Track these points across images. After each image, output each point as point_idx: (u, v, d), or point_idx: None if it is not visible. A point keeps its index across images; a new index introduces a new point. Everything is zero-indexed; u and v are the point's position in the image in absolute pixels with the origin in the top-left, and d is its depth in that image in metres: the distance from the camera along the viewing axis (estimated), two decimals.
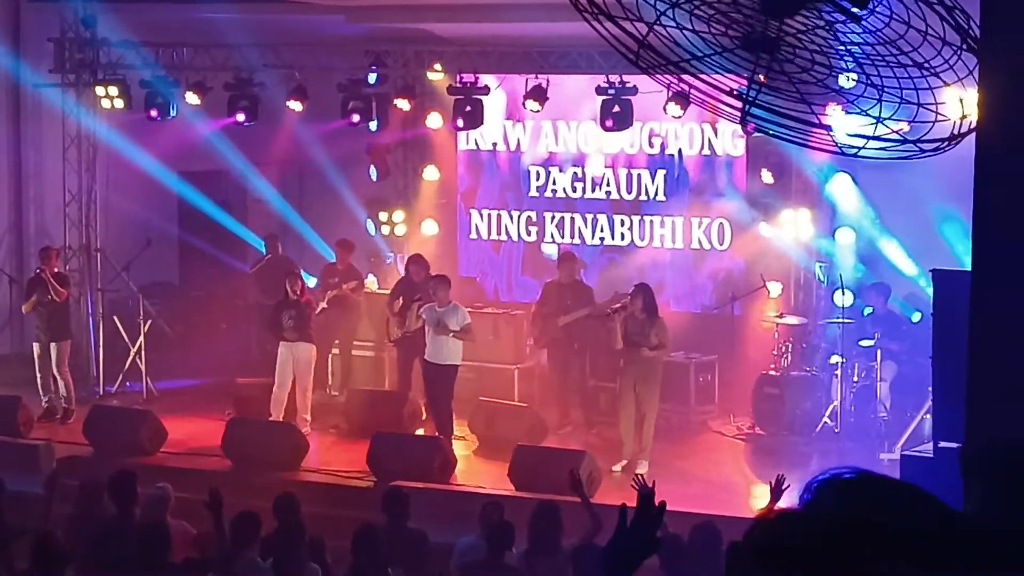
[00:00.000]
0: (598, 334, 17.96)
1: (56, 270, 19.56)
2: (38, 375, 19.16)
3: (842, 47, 5.79)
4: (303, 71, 20.65)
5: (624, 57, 5.40)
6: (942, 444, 14.04)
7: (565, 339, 18.51)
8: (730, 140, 20.13)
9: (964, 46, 5.60)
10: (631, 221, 20.92)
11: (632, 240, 20.92)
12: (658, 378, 17.01)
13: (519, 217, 21.69)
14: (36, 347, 19.28)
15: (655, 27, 5.27)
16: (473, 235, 22.09)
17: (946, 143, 5.75)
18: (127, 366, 20.40)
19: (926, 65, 5.43)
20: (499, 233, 21.87)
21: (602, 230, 21.11)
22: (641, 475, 9.89)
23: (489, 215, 21.92)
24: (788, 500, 11.01)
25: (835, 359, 17.82)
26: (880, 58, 5.55)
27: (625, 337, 16.75)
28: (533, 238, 21.62)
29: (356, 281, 19.97)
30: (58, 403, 19.13)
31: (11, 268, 22.41)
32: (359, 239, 21.72)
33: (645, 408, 16.75)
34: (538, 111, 19.65)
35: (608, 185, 21.03)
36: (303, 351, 18.05)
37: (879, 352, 17.65)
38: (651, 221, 20.81)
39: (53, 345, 19.06)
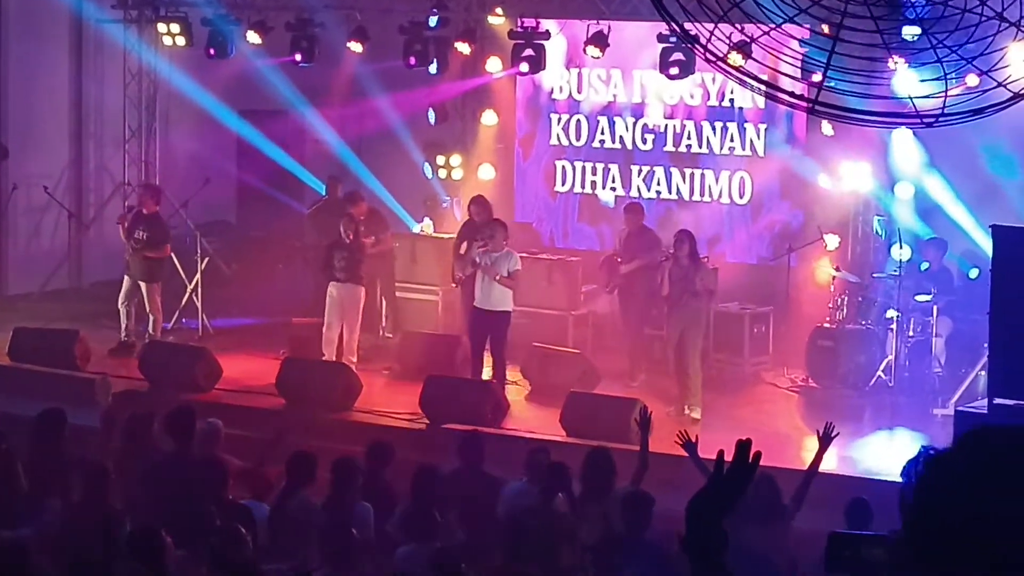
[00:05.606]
0: (651, 283, 17.92)
1: (155, 209, 19.43)
2: (120, 307, 19.18)
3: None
4: (364, 12, 20.64)
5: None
6: (997, 400, 14.01)
7: (627, 287, 18.48)
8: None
9: None
10: (689, 170, 20.84)
11: (690, 189, 20.83)
12: (703, 323, 17.01)
13: (577, 164, 21.63)
14: (126, 280, 19.27)
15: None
16: (530, 180, 22.04)
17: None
18: (183, 303, 20.50)
19: (1003, 15, 5.36)
20: (556, 179, 21.81)
21: (659, 182, 21.03)
22: (684, 431, 9.92)
23: (547, 161, 21.86)
24: (835, 448, 11.00)
25: (891, 313, 17.72)
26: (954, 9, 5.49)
27: (671, 283, 16.78)
28: (589, 187, 21.56)
29: (373, 237, 19.33)
30: (131, 339, 19.13)
31: (70, 203, 22.56)
32: (416, 182, 21.74)
33: (690, 353, 16.73)
34: (599, 58, 19.57)
35: (667, 134, 20.93)
36: (351, 292, 18.05)
37: (935, 308, 17.55)
38: (709, 171, 20.72)
39: (142, 284, 19.14)
